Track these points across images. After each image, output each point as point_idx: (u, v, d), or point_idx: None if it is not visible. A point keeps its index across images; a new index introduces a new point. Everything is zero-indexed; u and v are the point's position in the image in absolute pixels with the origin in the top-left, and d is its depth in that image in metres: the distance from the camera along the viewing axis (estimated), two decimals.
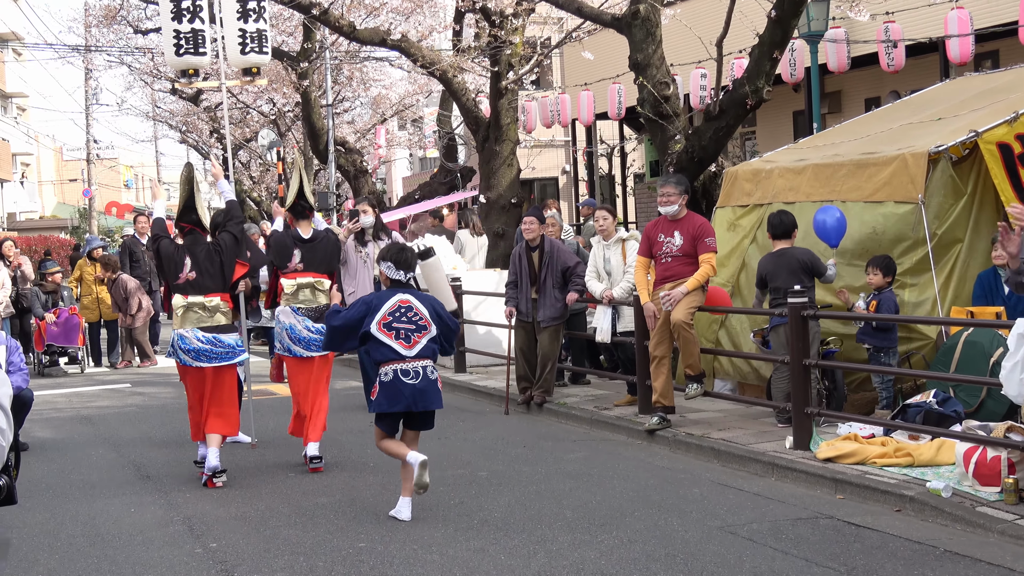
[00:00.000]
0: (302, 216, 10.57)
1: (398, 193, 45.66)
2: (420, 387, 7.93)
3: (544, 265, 12.35)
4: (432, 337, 8.06)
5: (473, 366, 15.65)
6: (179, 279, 9.68)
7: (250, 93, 31.88)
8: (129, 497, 9.08)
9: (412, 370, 7.93)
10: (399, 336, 7.94)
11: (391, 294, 8.10)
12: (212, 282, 9.74)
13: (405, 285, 8.19)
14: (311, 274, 10.38)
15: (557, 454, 10.19)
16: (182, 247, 9.83)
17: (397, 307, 8.01)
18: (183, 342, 9.62)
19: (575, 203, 29.13)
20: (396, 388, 7.90)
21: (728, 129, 14.28)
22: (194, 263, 9.73)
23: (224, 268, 9.84)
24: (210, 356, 9.63)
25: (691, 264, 10.44)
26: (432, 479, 9.07)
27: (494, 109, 19.57)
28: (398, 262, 8.19)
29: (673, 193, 10.51)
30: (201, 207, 9.93)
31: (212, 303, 9.70)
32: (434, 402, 8.04)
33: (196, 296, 9.67)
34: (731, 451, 9.55)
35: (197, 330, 9.64)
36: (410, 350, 7.95)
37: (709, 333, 11.96)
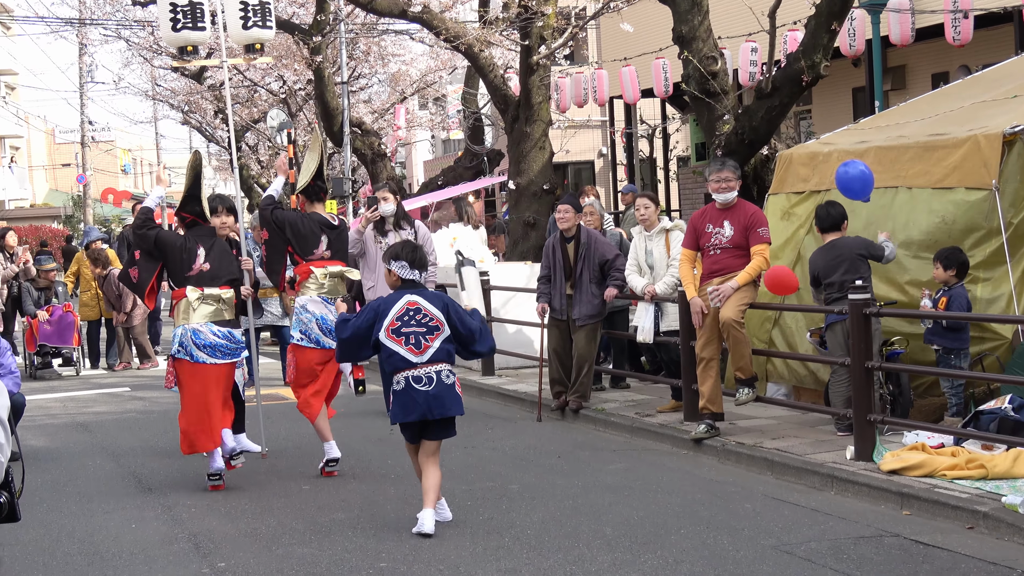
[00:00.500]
0: (317, 199, 10.61)
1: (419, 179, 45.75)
2: (434, 393, 8.01)
3: (580, 258, 12.34)
4: (446, 338, 8.12)
5: (502, 368, 15.66)
6: (192, 270, 9.80)
7: (257, 70, 31.97)
8: (130, 511, 9.12)
9: (424, 376, 8.02)
10: (408, 342, 8.02)
11: (398, 296, 8.16)
12: (226, 274, 9.94)
13: (416, 285, 8.25)
14: (339, 263, 10.53)
15: (595, 465, 10.19)
16: (191, 237, 9.93)
17: (405, 310, 8.09)
18: (198, 337, 9.72)
19: (613, 189, 29.10)
20: (409, 396, 8.01)
21: (782, 108, 14.23)
22: (207, 254, 9.86)
23: (234, 261, 10.07)
24: (224, 352, 9.81)
25: (742, 257, 10.41)
26: (459, 492, 9.10)
27: (524, 86, 19.56)
28: (414, 261, 8.26)
29: (731, 178, 10.48)
30: (205, 198, 10.04)
31: (227, 295, 9.88)
32: (452, 408, 8.10)
33: (212, 288, 9.83)
34: (786, 462, 9.53)
35: (212, 324, 9.78)
36: (420, 356, 8.03)
37: (761, 332, 11.92)
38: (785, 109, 14.36)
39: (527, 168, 19.42)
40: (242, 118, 34.85)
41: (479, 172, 26.97)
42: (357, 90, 33.63)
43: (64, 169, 67.31)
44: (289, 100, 33.06)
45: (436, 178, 27.84)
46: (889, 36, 18.61)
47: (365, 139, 26.80)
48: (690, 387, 11.29)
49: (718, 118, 14.74)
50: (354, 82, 32.10)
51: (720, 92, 14.72)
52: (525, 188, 19.42)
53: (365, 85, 35.24)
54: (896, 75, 22.77)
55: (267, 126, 34.78)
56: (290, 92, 32.71)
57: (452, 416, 8.16)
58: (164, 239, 9.93)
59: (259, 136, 38.18)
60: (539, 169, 19.43)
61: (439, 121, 38.35)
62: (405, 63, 34.05)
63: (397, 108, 33.27)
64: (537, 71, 19.33)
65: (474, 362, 15.87)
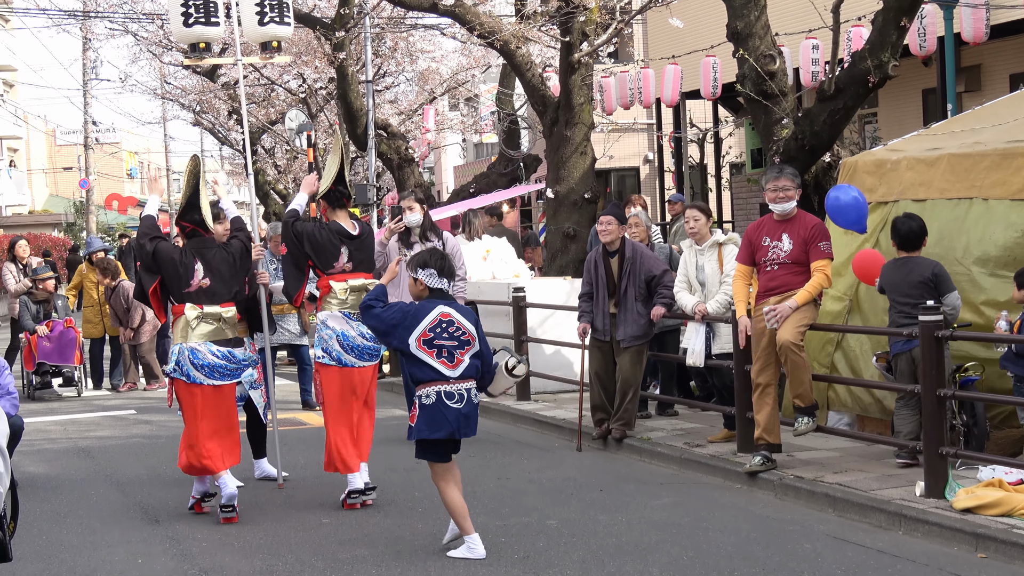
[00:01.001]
0: (339, 205, 10.64)
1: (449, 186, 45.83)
2: (465, 412, 8.29)
3: (625, 274, 12.33)
4: (475, 353, 8.35)
5: (539, 393, 15.66)
6: (191, 286, 9.88)
7: (275, 68, 32.11)
8: (135, 545, 9.16)
9: (457, 392, 8.28)
10: (441, 355, 8.21)
11: (432, 305, 8.33)
12: (227, 289, 10.05)
13: (445, 296, 8.42)
14: (361, 275, 10.53)
15: (640, 500, 10.17)
16: (188, 250, 10.01)
17: (438, 321, 8.27)
18: (196, 356, 9.86)
19: (660, 198, 29.08)
20: (440, 412, 8.22)
21: (845, 111, 14.20)
22: (207, 269, 9.94)
23: (237, 274, 10.19)
24: (223, 373, 9.94)
25: (801, 273, 10.38)
26: (492, 528, 9.10)
27: (564, 86, 19.58)
28: (442, 269, 8.41)
29: (790, 187, 10.46)
30: (206, 207, 10.10)
31: (228, 313, 9.99)
32: (474, 429, 8.48)
33: (212, 306, 9.92)
34: (849, 498, 9.49)
35: (211, 344, 9.92)
36: (454, 370, 8.26)
37: (823, 356, 11.88)
38: (849, 112, 14.32)
39: (567, 175, 19.44)
40: (258, 119, 35.03)
41: (514, 179, 26.98)
42: (383, 89, 33.74)
43: (65, 173, 67.74)
44: (309, 100, 33.20)
45: (468, 185, 27.87)
46: (962, 33, 18.52)
47: (391, 142, 26.88)
48: (744, 415, 11.26)
49: (776, 122, 14.72)
50: (379, 81, 32.21)
51: (778, 94, 14.70)
52: (564, 197, 19.43)
53: (391, 84, 35.35)
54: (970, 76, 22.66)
55: (285, 128, 35.04)
56: (310, 91, 32.85)
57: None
58: (161, 252, 10.01)
59: (276, 139, 38.36)
60: (580, 176, 19.44)
61: (471, 123, 38.45)
62: (435, 60, 34.15)
63: (426, 109, 33.36)
64: (578, 70, 19.36)
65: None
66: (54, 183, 71.73)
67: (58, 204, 64.52)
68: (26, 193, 62.66)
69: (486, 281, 16.73)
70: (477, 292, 15.88)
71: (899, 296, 10.25)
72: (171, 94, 39.62)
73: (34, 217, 58.23)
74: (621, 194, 34.70)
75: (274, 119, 35.92)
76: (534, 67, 20.57)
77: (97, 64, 49.56)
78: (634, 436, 12.45)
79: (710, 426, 12.82)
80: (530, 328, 15.50)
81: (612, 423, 12.48)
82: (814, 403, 10.56)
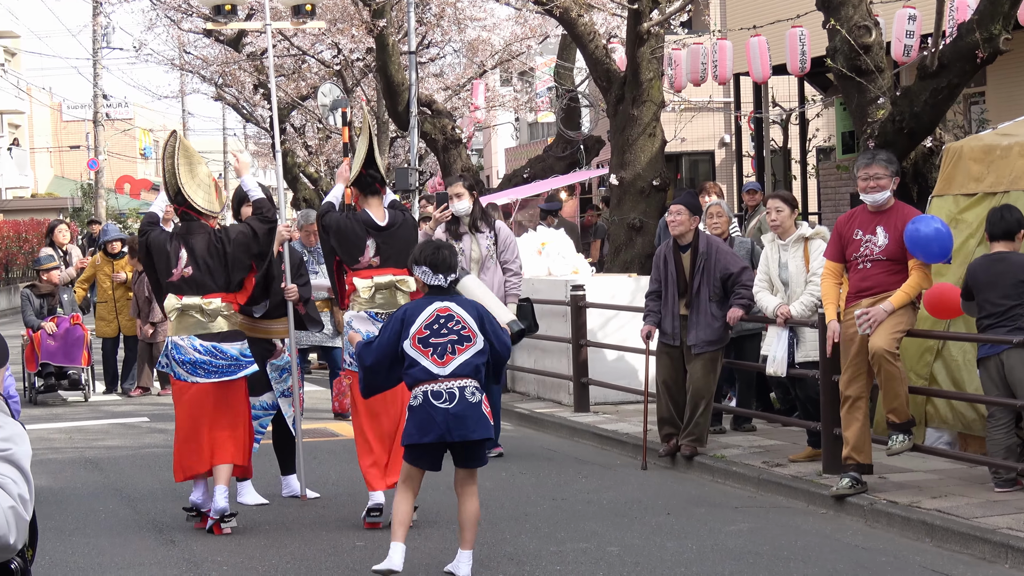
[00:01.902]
0: (371, 192, 10.71)
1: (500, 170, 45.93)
2: (455, 412, 8.35)
3: (698, 271, 12.32)
4: (478, 351, 8.46)
5: (599, 403, 15.67)
6: (172, 276, 10.16)
7: (307, 36, 32.27)
8: (148, 568, 9.25)
9: (446, 392, 8.38)
10: (434, 352, 8.38)
11: (427, 302, 8.54)
12: (213, 280, 10.30)
13: (446, 291, 8.59)
14: (390, 270, 10.54)
15: (712, 525, 10.18)
16: (175, 236, 10.26)
17: (435, 317, 8.46)
18: (178, 352, 10.18)
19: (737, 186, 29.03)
20: (426, 414, 8.36)
21: (950, 90, 14.13)
22: (191, 257, 10.15)
23: (229, 264, 10.32)
24: (209, 370, 10.17)
25: (898, 272, 10.35)
26: (545, 555, 9.13)
27: (631, 60, 19.58)
28: (436, 264, 8.57)
29: (883, 175, 10.43)
30: (191, 186, 10.25)
31: (211, 306, 10.20)
32: (476, 430, 8.43)
33: (192, 297, 10.18)
34: (949, 526, 9.46)
35: (194, 338, 10.20)
36: (443, 367, 8.38)
37: (921, 367, 11.84)
38: (954, 92, 14.26)
39: (633, 159, 19.44)
40: (287, 93, 35.18)
41: (573, 163, 27.02)
42: (427, 61, 33.84)
43: (72, 152, 68.34)
44: (344, 73, 33.31)
45: (521, 170, 27.94)
46: None
47: (436, 121, 26.97)
48: (831, 432, 11.23)
49: (871, 102, 14.66)
50: (423, 52, 32.28)
51: (874, 70, 14.65)
52: (630, 184, 19.43)
53: (437, 56, 35.45)
54: None
55: (317, 104, 35.11)
56: (346, 63, 32.96)
57: (478, 440, 8.48)
58: (152, 242, 10.38)
59: (307, 116, 38.51)
60: (648, 161, 19.43)
61: (525, 101, 38.46)
62: (486, 29, 34.19)
63: (475, 84, 33.42)
64: (647, 41, 19.35)
65: (564, 396, 15.91)
66: (59, 163, 72.38)
67: (64, 187, 65.03)
68: (29, 174, 63.26)
69: (541, 277, 16.76)
70: (531, 289, 15.89)
71: (994, 297, 10.20)
72: (190, 65, 39.80)
73: (37, 201, 58.74)
74: (693, 181, 34.69)
75: (305, 94, 36.04)
76: (597, 37, 20.57)
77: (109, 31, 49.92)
78: (706, 453, 12.45)
79: (792, 443, 12.80)
80: (590, 330, 15.51)
81: (681, 438, 12.48)
82: (910, 419, 10.52)
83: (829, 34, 14.82)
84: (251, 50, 34.20)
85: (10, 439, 3.45)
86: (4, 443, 3.43)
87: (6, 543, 3.30)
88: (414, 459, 8.58)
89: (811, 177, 29.51)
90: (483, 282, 12.98)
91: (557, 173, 26.65)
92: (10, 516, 3.31)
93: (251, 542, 9.85)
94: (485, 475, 12.07)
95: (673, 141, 23.21)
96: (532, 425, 15.37)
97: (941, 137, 14.77)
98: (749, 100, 29.31)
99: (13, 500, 3.33)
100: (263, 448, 11.21)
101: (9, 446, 3.44)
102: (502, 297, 13.02)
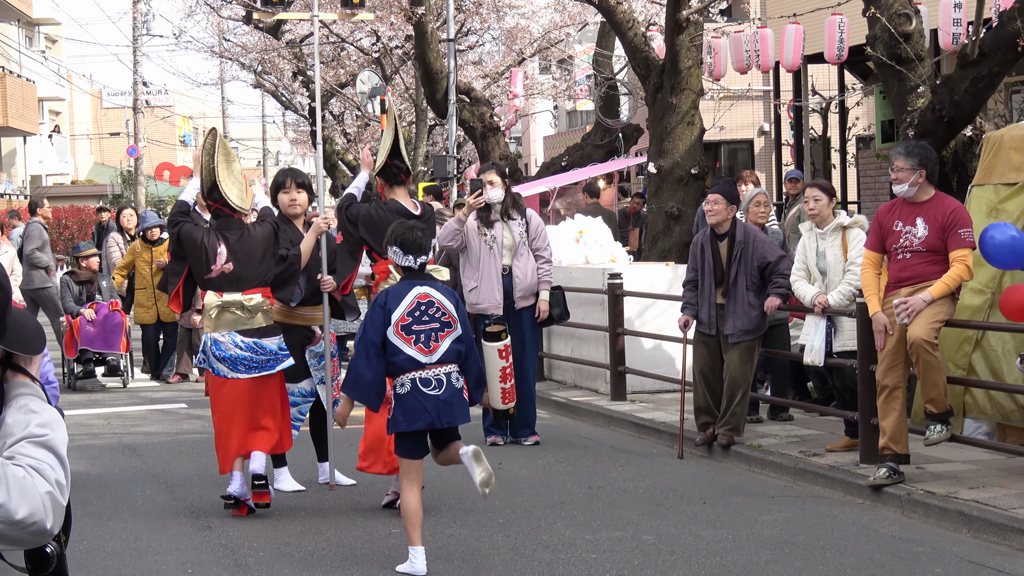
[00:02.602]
0: (397, 182, 10.85)
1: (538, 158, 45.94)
2: (444, 398, 8.49)
3: (735, 259, 12.30)
4: (457, 337, 8.58)
5: (636, 392, 15.67)
6: (211, 272, 10.15)
7: (346, 24, 32.30)
8: (185, 554, 9.29)
9: (434, 379, 8.51)
10: (418, 340, 8.47)
11: (407, 288, 8.61)
12: (253, 275, 10.24)
13: (420, 274, 8.68)
14: None
15: (748, 514, 10.17)
16: (212, 231, 10.24)
17: (415, 304, 8.53)
18: (218, 348, 10.22)
19: (777, 174, 28.96)
20: (416, 401, 8.46)
21: (990, 79, 14.06)
22: (230, 252, 10.14)
23: (266, 258, 10.36)
24: (250, 365, 10.22)
25: (938, 263, 10.30)
26: (581, 543, 9.14)
27: (670, 48, 19.54)
28: (406, 244, 8.63)
29: (904, 168, 10.38)
30: (227, 183, 10.28)
31: (252, 302, 10.23)
32: (460, 416, 8.63)
33: (233, 293, 10.17)
34: (987, 517, 9.42)
35: (235, 334, 10.26)
36: (430, 356, 8.50)
37: (959, 356, 11.79)
38: (995, 80, 14.19)
39: (671, 148, 19.40)
40: (327, 81, 35.24)
41: (612, 152, 27.00)
42: (465, 49, 33.86)
43: (112, 139, 68.63)
44: (383, 60, 33.36)
45: (559, 158, 27.93)
46: None
47: (474, 109, 26.98)
48: (869, 421, 11.20)
49: (911, 90, 14.60)
50: (462, 39, 32.32)
51: (914, 58, 14.58)
52: (668, 172, 19.39)
53: (475, 43, 35.48)
54: None
55: (356, 91, 35.20)
56: (384, 51, 33.00)
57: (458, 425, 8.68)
58: (184, 234, 10.42)
59: (346, 104, 38.56)
60: (686, 149, 19.39)
61: (564, 89, 38.46)
62: (525, 17, 34.22)
63: (514, 72, 33.42)
64: (687, 29, 19.31)
65: (600, 384, 15.91)
66: (99, 150, 72.70)
67: (104, 174, 65.34)
68: (69, 161, 63.54)
69: (578, 266, 16.77)
70: (568, 278, 15.90)
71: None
72: (230, 52, 39.94)
73: (77, 188, 59.06)
74: (732, 169, 34.60)
75: (344, 81, 36.08)
76: (636, 25, 20.54)
77: (149, 18, 50.05)
78: (743, 442, 12.44)
79: (829, 433, 12.77)
80: (627, 319, 15.50)
81: (718, 427, 12.47)
82: (948, 409, 10.48)
83: (869, 22, 14.76)
84: (290, 37, 34.30)
85: (47, 425, 3.49)
86: (41, 429, 3.47)
87: (43, 528, 3.35)
88: (407, 450, 8.60)
89: (851, 166, 29.43)
90: (517, 267, 13.04)
91: (595, 161, 26.63)
92: (47, 501, 3.35)
93: (287, 528, 9.90)
94: (522, 463, 12.17)
95: (712, 129, 23.18)
96: (569, 413, 15.38)
97: (981, 126, 14.70)
98: (789, 88, 29.24)
99: (50, 485, 3.38)
100: (300, 435, 11.24)
101: (46, 432, 3.48)
102: (536, 283, 13.08)
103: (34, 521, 3.32)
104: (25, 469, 3.35)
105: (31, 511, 3.31)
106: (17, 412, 3.49)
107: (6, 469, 3.30)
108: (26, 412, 3.48)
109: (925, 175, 10.44)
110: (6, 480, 3.28)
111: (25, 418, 3.47)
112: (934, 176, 10.52)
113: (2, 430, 3.46)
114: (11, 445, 3.41)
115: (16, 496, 3.28)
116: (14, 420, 3.47)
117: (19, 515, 3.28)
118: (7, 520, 3.27)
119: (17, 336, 3.51)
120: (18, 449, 3.40)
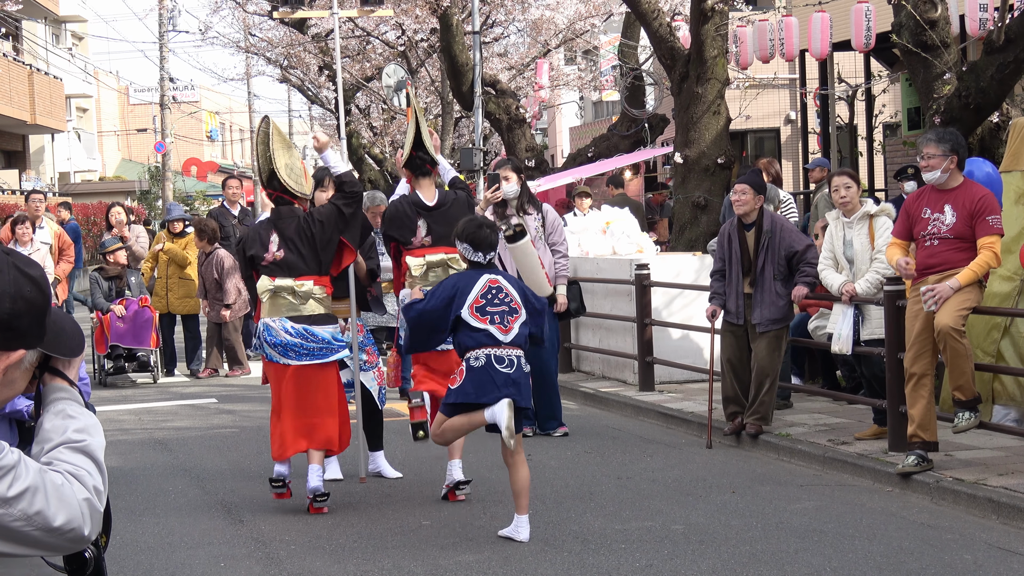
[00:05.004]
0: (422, 173, 11.01)
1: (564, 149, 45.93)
2: (515, 378, 8.82)
3: (762, 249, 12.31)
4: (523, 322, 8.96)
5: (664, 382, 15.69)
6: (265, 259, 10.19)
7: (371, 18, 32.31)
8: (218, 547, 9.35)
9: (507, 358, 8.86)
10: (494, 321, 8.84)
11: (478, 275, 9.01)
12: (304, 263, 10.28)
13: (488, 266, 9.07)
14: (442, 249, 10.82)
15: (777, 503, 10.19)
16: (268, 221, 10.35)
17: (487, 288, 8.93)
18: (269, 333, 10.27)
19: (803, 163, 28.92)
20: (488, 376, 8.78)
21: (1016, 65, 14.05)
22: (282, 239, 10.20)
23: (319, 246, 10.31)
24: (300, 352, 10.20)
25: (965, 250, 10.29)
26: (610, 533, 9.17)
27: (695, 37, 19.53)
28: (477, 242, 9.03)
29: (935, 155, 10.36)
30: (283, 170, 10.33)
31: (303, 288, 10.24)
32: (527, 398, 8.95)
33: (284, 279, 10.19)
34: (1016, 504, 9.42)
35: (285, 320, 10.24)
36: (506, 335, 8.88)
37: (987, 343, 11.79)
38: (1021, 66, 14.18)
39: (698, 137, 19.40)
40: (352, 75, 35.28)
41: (638, 142, 26.99)
42: (491, 41, 33.88)
43: (139, 135, 68.81)
44: (409, 54, 33.40)
45: (585, 149, 27.93)
46: None
47: (500, 101, 26.99)
48: (897, 409, 11.20)
49: (936, 77, 14.59)
50: (487, 32, 32.34)
51: (939, 45, 14.57)
52: (695, 162, 19.40)
53: (501, 35, 35.49)
54: None
55: (382, 85, 35.24)
56: (410, 44, 33.04)
57: (524, 407, 8.94)
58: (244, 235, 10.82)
59: (372, 97, 38.60)
60: (712, 139, 19.39)
61: (589, 79, 38.44)
62: (550, 8, 34.19)
63: (539, 63, 33.41)
64: (712, 18, 19.30)
65: (629, 375, 15.93)
66: (127, 146, 72.87)
67: (131, 170, 65.55)
68: (96, 158, 63.69)
69: (606, 257, 16.78)
70: (596, 269, 15.93)
71: None
72: (256, 47, 40.02)
73: (105, 184, 59.16)
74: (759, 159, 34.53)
75: (370, 75, 36.12)
76: (662, 15, 20.53)
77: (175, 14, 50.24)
78: (771, 432, 12.45)
79: (858, 421, 12.77)
80: (655, 309, 15.52)
81: (746, 417, 12.49)
82: (977, 396, 10.47)
83: (895, 9, 14.76)
84: (316, 31, 34.33)
85: (85, 430, 3.48)
86: (79, 434, 3.46)
87: (80, 534, 3.34)
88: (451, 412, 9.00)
89: (877, 154, 29.37)
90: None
91: (622, 152, 26.62)
92: (84, 508, 3.34)
93: (318, 521, 9.94)
94: (550, 454, 12.19)
95: (738, 118, 23.17)
96: (597, 404, 15.40)
97: (1008, 112, 14.69)
98: (815, 76, 29.19)
99: (88, 492, 3.37)
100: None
101: (84, 437, 3.46)
102: (553, 277, 13.13)
103: (72, 528, 3.30)
104: (63, 475, 3.33)
105: (69, 518, 3.29)
106: (55, 417, 3.48)
107: (44, 475, 3.28)
108: (64, 417, 3.47)
109: (956, 161, 10.43)
110: (44, 487, 3.26)
111: (63, 423, 3.46)
112: (963, 163, 10.51)
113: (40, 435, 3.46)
114: (49, 451, 3.40)
115: (54, 503, 3.26)
116: (52, 425, 3.46)
117: (57, 522, 3.27)
118: (45, 527, 3.26)
119: (55, 339, 3.50)
120: (56, 455, 3.39)
